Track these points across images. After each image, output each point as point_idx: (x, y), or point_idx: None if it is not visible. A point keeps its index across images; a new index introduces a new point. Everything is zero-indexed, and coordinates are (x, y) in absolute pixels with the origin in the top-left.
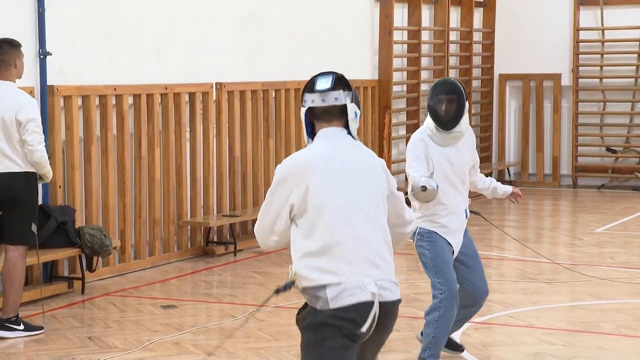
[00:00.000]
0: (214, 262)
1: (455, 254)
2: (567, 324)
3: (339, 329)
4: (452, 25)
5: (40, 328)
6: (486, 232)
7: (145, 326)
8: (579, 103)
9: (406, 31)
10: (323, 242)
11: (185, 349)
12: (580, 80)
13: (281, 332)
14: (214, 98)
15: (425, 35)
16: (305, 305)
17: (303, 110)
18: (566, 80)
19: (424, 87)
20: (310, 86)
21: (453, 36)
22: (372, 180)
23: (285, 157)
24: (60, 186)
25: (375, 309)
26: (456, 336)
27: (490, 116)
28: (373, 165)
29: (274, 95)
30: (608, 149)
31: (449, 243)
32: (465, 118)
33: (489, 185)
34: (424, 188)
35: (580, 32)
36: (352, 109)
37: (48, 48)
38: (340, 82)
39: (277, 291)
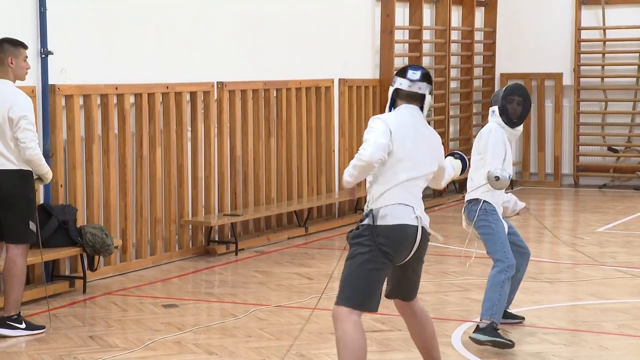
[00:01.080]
0: (215, 262)
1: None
2: (568, 323)
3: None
4: (453, 25)
5: (42, 327)
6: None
7: (146, 325)
8: (581, 102)
9: (407, 30)
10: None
11: (187, 348)
12: (581, 79)
13: (282, 331)
14: (216, 97)
15: (426, 35)
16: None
17: (392, 88)
18: (568, 80)
19: None
20: (402, 72)
21: (454, 35)
22: (434, 145)
23: (287, 156)
24: (61, 185)
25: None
26: (456, 339)
27: None
28: (436, 136)
29: (275, 95)
30: (609, 149)
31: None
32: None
33: (511, 197)
34: (497, 178)
35: (582, 31)
36: (428, 99)
37: (49, 47)
38: (426, 77)
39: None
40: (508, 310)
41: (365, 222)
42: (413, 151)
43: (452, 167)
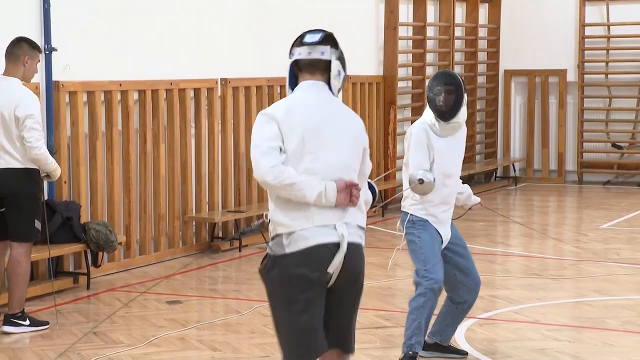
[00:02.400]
0: (218, 258)
1: (444, 244)
2: (573, 320)
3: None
4: (457, 21)
5: (46, 323)
6: (491, 228)
7: (150, 321)
8: (585, 99)
9: (411, 27)
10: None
11: (190, 345)
12: (585, 76)
13: None
14: (219, 94)
15: (430, 31)
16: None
17: (290, 62)
18: (572, 76)
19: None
20: (299, 40)
21: (458, 32)
22: (347, 134)
23: None
24: (65, 182)
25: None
26: (460, 335)
27: (496, 112)
28: (354, 117)
29: (279, 91)
30: (614, 145)
31: (439, 233)
32: (464, 109)
33: (467, 190)
34: (421, 181)
35: (586, 27)
36: (336, 65)
37: (53, 44)
38: (328, 38)
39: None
40: (450, 344)
41: (270, 251)
42: (319, 141)
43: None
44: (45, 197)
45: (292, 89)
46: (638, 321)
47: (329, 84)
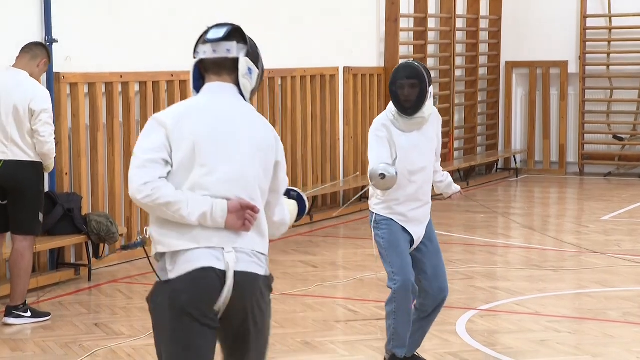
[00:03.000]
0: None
1: (416, 244)
2: (573, 311)
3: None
4: (458, 13)
5: (47, 314)
6: (492, 219)
7: None
8: (586, 90)
9: (412, 18)
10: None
11: None
12: (587, 67)
13: (287, 319)
14: None
15: (431, 23)
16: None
17: (193, 62)
18: (573, 68)
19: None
20: (203, 36)
21: (459, 24)
22: (249, 144)
23: (292, 144)
24: (66, 173)
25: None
26: (461, 327)
27: (497, 104)
28: (263, 126)
29: (280, 83)
30: (615, 137)
31: (408, 232)
32: (429, 103)
33: (446, 178)
34: (382, 176)
35: (587, 19)
36: (244, 63)
37: (54, 35)
38: (235, 34)
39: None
40: (416, 354)
41: (157, 277)
42: (214, 152)
43: (286, 209)
44: (46, 189)
45: (197, 92)
46: (639, 312)
47: (239, 84)
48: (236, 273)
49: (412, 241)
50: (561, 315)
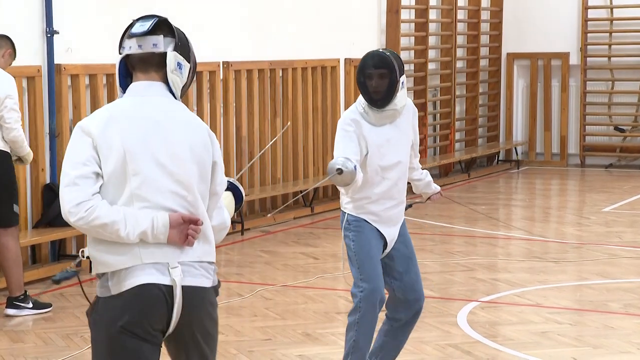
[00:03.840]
0: (221, 241)
1: (389, 248)
2: (574, 303)
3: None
4: (459, 4)
5: (49, 305)
6: (493, 211)
7: None
8: (587, 82)
9: (413, 10)
10: None
11: None
12: (588, 59)
13: (288, 310)
14: (221, 77)
15: (432, 14)
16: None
17: (118, 59)
18: (574, 59)
19: (432, 66)
20: (128, 29)
21: (461, 15)
22: (182, 147)
23: (293, 136)
24: None
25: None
26: (462, 319)
27: (498, 95)
28: (190, 129)
29: (281, 74)
30: (616, 128)
31: (381, 234)
32: (401, 94)
33: (425, 177)
34: (339, 171)
35: (589, 10)
36: (172, 58)
37: (55, 26)
38: (162, 26)
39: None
40: None
41: (99, 293)
42: (146, 159)
43: (224, 210)
44: (47, 181)
45: (125, 91)
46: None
47: (168, 81)
48: (184, 288)
49: (385, 245)
50: (562, 307)
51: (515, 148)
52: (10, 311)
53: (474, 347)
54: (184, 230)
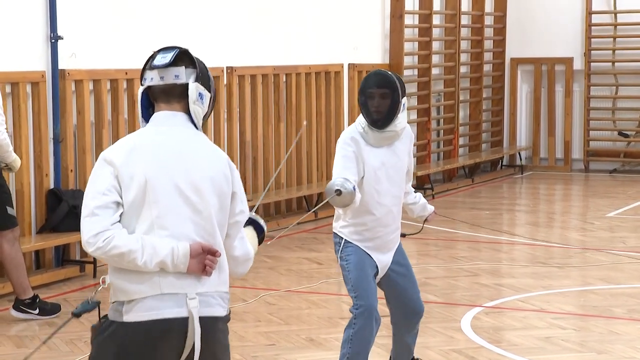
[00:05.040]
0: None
1: (380, 275)
2: (578, 308)
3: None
4: (463, 9)
5: (56, 311)
6: (497, 216)
7: None
8: (591, 87)
9: (417, 15)
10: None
11: None
12: (592, 64)
13: (292, 316)
14: (225, 82)
15: (436, 19)
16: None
17: (140, 90)
18: (578, 64)
19: (435, 71)
20: (150, 60)
21: (464, 20)
22: (202, 178)
23: (296, 141)
24: (71, 170)
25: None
26: (466, 324)
27: (502, 100)
28: (210, 160)
29: (284, 80)
30: (620, 133)
31: (374, 261)
32: (402, 116)
33: (419, 200)
34: (338, 192)
35: (593, 15)
36: (194, 89)
37: (59, 32)
38: (183, 57)
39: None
40: None
41: (110, 315)
42: (167, 189)
43: (247, 242)
44: (52, 186)
45: (147, 121)
46: None
47: (190, 112)
48: (200, 319)
49: (376, 273)
50: (566, 312)
51: (519, 153)
52: (14, 313)
53: (478, 353)
54: (203, 259)
